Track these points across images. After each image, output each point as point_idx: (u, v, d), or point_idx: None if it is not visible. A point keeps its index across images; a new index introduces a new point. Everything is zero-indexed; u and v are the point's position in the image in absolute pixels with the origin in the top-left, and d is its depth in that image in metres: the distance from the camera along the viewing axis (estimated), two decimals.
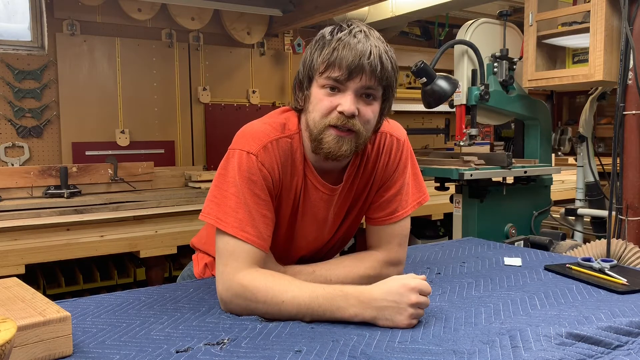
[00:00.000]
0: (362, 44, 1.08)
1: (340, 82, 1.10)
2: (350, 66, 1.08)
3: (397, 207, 1.28)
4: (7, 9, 3.60)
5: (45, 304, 0.92)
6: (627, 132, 2.20)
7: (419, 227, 3.75)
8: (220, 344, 0.93)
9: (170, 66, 4.15)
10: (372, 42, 1.10)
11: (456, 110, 2.64)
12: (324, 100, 1.12)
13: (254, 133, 1.17)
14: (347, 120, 1.10)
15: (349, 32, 1.10)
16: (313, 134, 1.14)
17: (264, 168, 1.14)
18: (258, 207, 1.13)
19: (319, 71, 1.11)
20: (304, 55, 1.17)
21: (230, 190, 1.13)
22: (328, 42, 1.11)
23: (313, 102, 1.14)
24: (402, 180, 1.28)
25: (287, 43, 4.64)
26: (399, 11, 3.97)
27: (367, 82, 1.10)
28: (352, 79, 1.09)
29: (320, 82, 1.12)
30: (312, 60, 1.13)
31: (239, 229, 1.11)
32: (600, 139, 4.36)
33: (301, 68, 1.17)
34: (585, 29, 2.33)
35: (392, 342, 0.94)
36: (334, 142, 1.11)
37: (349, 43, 1.08)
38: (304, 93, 1.17)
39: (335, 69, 1.09)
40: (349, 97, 1.10)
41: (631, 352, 0.92)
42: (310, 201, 1.24)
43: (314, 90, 1.14)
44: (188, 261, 3.43)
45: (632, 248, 2.05)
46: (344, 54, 1.08)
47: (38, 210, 2.70)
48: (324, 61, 1.10)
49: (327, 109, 1.11)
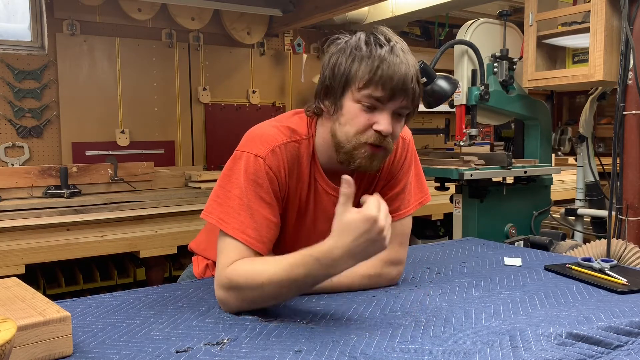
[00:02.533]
0: (404, 65, 1.08)
1: (381, 101, 1.09)
2: (394, 88, 1.07)
3: (400, 205, 1.29)
4: (7, 9, 3.60)
5: (45, 304, 0.92)
6: (627, 132, 2.20)
7: (419, 227, 3.75)
8: (220, 344, 0.93)
9: (170, 66, 4.15)
10: (410, 62, 1.10)
11: (456, 110, 2.64)
12: (360, 117, 1.10)
13: (263, 136, 1.16)
14: (383, 139, 1.11)
15: (390, 49, 1.08)
16: (345, 147, 1.13)
17: (271, 172, 1.14)
18: (262, 210, 1.13)
19: (357, 86, 1.09)
20: (334, 60, 1.13)
21: (234, 192, 1.13)
22: (367, 57, 1.08)
23: (346, 115, 1.12)
24: (405, 179, 1.30)
25: (287, 43, 4.65)
26: (399, 11, 3.97)
27: (406, 104, 1.11)
28: (393, 100, 1.09)
29: (358, 97, 1.10)
30: (350, 71, 1.09)
31: (239, 230, 1.11)
32: (600, 139, 4.36)
33: (330, 74, 1.13)
34: (585, 29, 2.33)
35: (392, 342, 0.94)
36: (367, 159, 1.12)
37: (393, 63, 1.07)
38: (334, 102, 1.14)
39: (378, 89, 1.08)
40: (387, 117, 1.10)
41: (631, 352, 0.92)
42: (322, 205, 1.24)
43: (348, 103, 1.11)
44: (188, 261, 3.43)
45: (632, 248, 2.05)
46: (388, 75, 1.06)
47: (38, 210, 2.70)
48: (364, 77, 1.08)
49: (364, 126, 1.11)
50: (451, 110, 2.77)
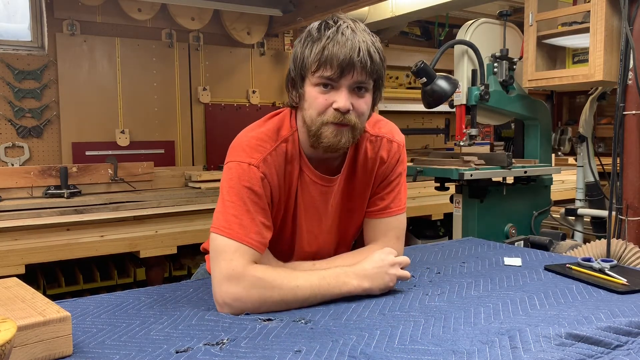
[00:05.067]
0: (350, 41, 1.11)
1: (333, 80, 1.13)
2: (341, 64, 1.11)
3: (391, 204, 1.33)
4: (7, 9, 3.60)
5: (45, 304, 0.92)
6: (627, 132, 2.19)
7: (419, 227, 3.75)
8: (219, 344, 0.93)
9: (170, 66, 4.15)
10: (360, 37, 1.13)
11: (456, 110, 2.64)
12: (318, 98, 1.15)
13: (252, 145, 1.20)
14: (343, 116, 1.14)
15: (336, 29, 1.13)
16: (311, 130, 1.18)
17: (265, 179, 1.18)
18: (258, 215, 1.17)
19: (311, 70, 1.15)
20: (293, 52, 1.20)
21: (233, 200, 1.16)
22: (317, 40, 1.13)
23: (308, 100, 1.17)
24: (397, 180, 1.34)
25: (287, 43, 4.65)
26: (399, 11, 3.97)
27: (359, 77, 1.13)
28: (344, 76, 1.12)
29: (313, 80, 1.15)
30: (303, 58, 1.16)
31: (243, 234, 1.14)
32: (600, 139, 4.36)
33: (292, 66, 1.20)
34: (585, 29, 2.33)
35: (391, 342, 0.94)
36: (332, 136, 1.16)
37: (337, 41, 1.11)
38: (297, 91, 1.20)
39: (327, 68, 1.12)
40: (343, 94, 1.14)
41: (631, 352, 0.92)
42: (310, 195, 1.28)
43: (308, 89, 1.17)
44: (188, 261, 3.44)
45: (632, 248, 2.05)
46: (334, 53, 1.11)
47: (38, 210, 2.70)
48: (315, 60, 1.13)
49: (323, 106, 1.15)
50: (451, 110, 2.77)
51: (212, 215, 1.19)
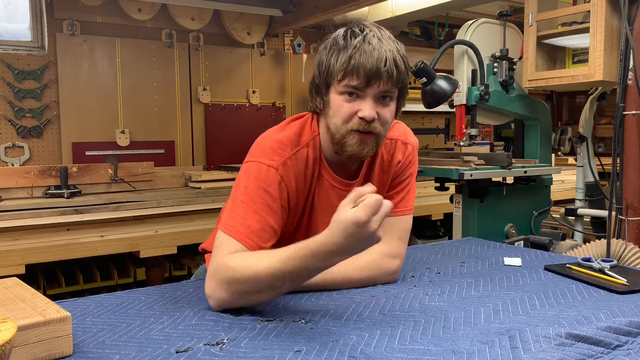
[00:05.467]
0: (377, 51, 1.12)
1: (359, 89, 1.13)
2: (368, 74, 1.11)
3: (399, 203, 1.34)
4: (7, 9, 3.60)
5: (45, 304, 0.92)
6: (627, 132, 2.20)
7: (419, 227, 3.75)
8: (219, 344, 0.93)
9: (170, 66, 4.15)
10: (386, 47, 1.13)
11: (456, 110, 2.64)
12: (343, 107, 1.15)
13: (273, 147, 1.21)
14: (368, 124, 1.15)
15: (362, 38, 1.13)
16: (335, 138, 1.19)
17: (283, 182, 1.19)
18: (267, 217, 1.16)
19: (337, 79, 1.15)
20: (318, 59, 1.20)
21: (243, 199, 1.17)
22: (343, 49, 1.13)
23: (333, 107, 1.18)
24: (408, 181, 1.36)
25: (287, 43, 4.65)
26: (399, 11, 3.97)
27: (385, 87, 1.14)
28: (370, 86, 1.13)
29: (339, 89, 1.15)
30: (329, 66, 1.16)
31: (243, 234, 1.14)
32: (600, 139, 4.36)
33: (317, 72, 1.20)
34: (585, 29, 2.33)
35: (391, 342, 0.94)
36: (356, 145, 1.17)
37: (365, 50, 1.11)
38: (322, 98, 1.20)
39: (353, 78, 1.12)
40: (369, 103, 1.14)
41: (631, 352, 0.92)
42: (328, 199, 1.28)
43: (333, 96, 1.17)
44: (188, 261, 3.44)
45: (632, 248, 2.05)
46: (361, 62, 1.11)
47: (38, 210, 2.70)
48: (341, 69, 1.13)
49: (348, 115, 1.16)
50: (451, 110, 2.77)
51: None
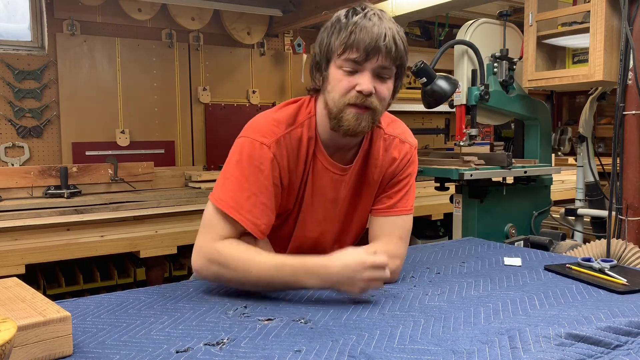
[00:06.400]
0: (377, 27, 1.15)
1: (358, 63, 1.16)
2: (367, 48, 1.14)
3: (398, 203, 1.35)
4: (7, 9, 3.60)
5: (46, 304, 0.92)
6: (627, 132, 2.19)
7: (419, 227, 3.75)
8: (219, 344, 0.93)
9: (170, 66, 4.15)
10: (386, 25, 1.17)
11: (456, 110, 2.64)
12: (342, 81, 1.18)
13: (268, 125, 1.24)
14: (365, 98, 1.17)
15: (363, 15, 1.17)
16: (333, 112, 1.21)
17: (275, 160, 1.21)
18: (259, 194, 1.19)
19: (337, 53, 1.17)
20: (319, 38, 1.23)
21: (234, 174, 1.20)
22: (344, 26, 1.17)
23: (332, 82, 1.20)
24: (406, 181, 1.36)
25: (287, 43, 4.65)
26: (399, 11, 3.97)
27: (383, 62, 1.16)
28: (369, 59, 1.16)
29: (339, 63, 1.18)
30: (330, 42, 1.19)
31: (234, 209, 1.17)
32: (600, 139, 4.36)
33: (317, 50, 1.23)
34: (585, 29, 2.33)
35: (391, 342, 0.94)
36: (353, 120, 1.19)
37: (365, 26, 1.15)
38: (322, 74, 1.23)
39: (353, 51, 1.15)
40: (367, 77, 1.17)
41: (631, 352, 0.92)
42: (320, 182, 1.30)
43: (332, 71, 1.20)
44: (188, 261, 3.43)
45: (632, 248, 2.05)
46: (361, 37, 1.14)
47: (38, 210, 2.70)
48: (341, 44, 1.16)
49: (346, 88, 1.18)
50: (451, 110, 2.77)
51: None
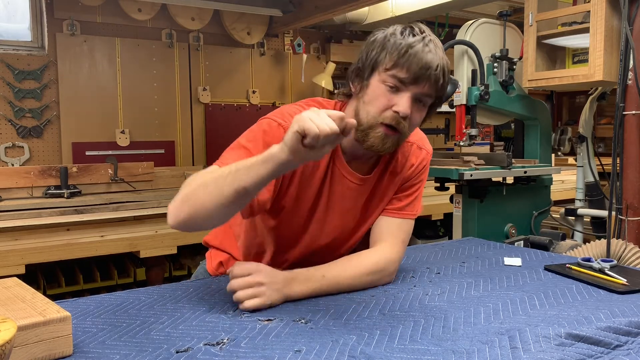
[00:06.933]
0: (432, 54, 1.13)
1: (404, 83, 1.13)
2: (417, 72, 1.12)
3: (406, 206, 1.35)
4: (7, 9, 3.60)
5: (46, 304, 0.92)
6: (627, 132, 2.20)
7: (419, 227, 3.75)
8: (219, 344, 0.93)
9: (170, 66, 4.15)
10: (440, 54, 1.15)
11: (456, 110, 2.64)
12: (382, 96, 1.15)
13: (291, 112, 1.21)
14: (399, 120, 1.14)
15: (421, 38, 1.14)
16: (362, 125, 1.17)
17: None
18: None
19: (385, 67, 1.14)
20: (368, 47, 1.19)
21: (243, 143, 1.17)
22: (399, 43, 1.13)
23: (370, 94, 1.16)
24: (418, 186, 1.37)
25: (287, 43, 4.65)
26: (399, 11, 3.97)
27: (428, 90, 1.14)
28: (415, 84, 1.13)
29: (383, 77, 1.14)
30: (380, 54, 1.15)
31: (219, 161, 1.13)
32: (600, 139, 4.37)
33: (363, 56, 1.19)
34: (585, 29, 2.33)
35: (391, 342, 0.94)
36: (379, 139, 1.16)
37: (421, 50, 1.12)
38: (362, 82, 1.19)
39: (403, 70, 1.12)
40: (407, 99, 1.14)
41: (631, 352, 0.92)
42: (337, 189, 1.27)
43: (374, 83, 1.16)
44: (188, 261, 3.43)
45: (632, 248, 2.05)
46: (415, 60, 1.11)
47: (38, 210, 2.70)
48: (392, 60, 1.13)
49: (385, 106, 1.15)
50: (451, 111, 2.77)
51: None
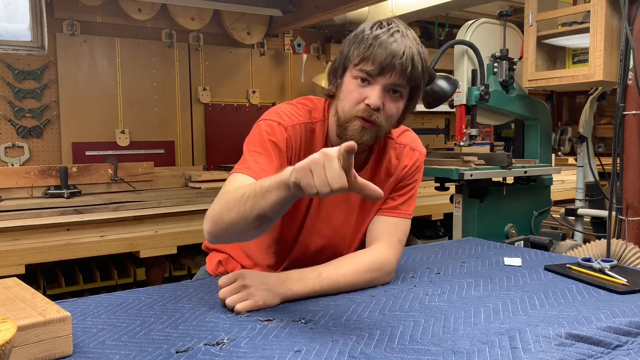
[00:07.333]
0: (396, 44, 1.16)
1: (371, 76, 1.18)
2: (382, 63, 1.15)
3: (402, 205, 1.37)
4: (7, 9, 3.60)
5: (45, 304, 0.92)
6: (627, 132, 2.20)
7: (419, 227, 3.75)
8: (219, 344, 0.93)
9: (170, 66, 4.15)
10: (407, 43, 1.17)
11: (456, 110, 2.64)
12: (354, 91, 1.20)
13: (286, 112, 1.28)
14: (372, 112, 1.18)
15: (387, 30, 1.18)
16: (340, 120, 1.22)
17: (290, 140, 1.24)
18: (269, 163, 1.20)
19: (353, 63, 1.19)
20: (342, 45, 1.26)
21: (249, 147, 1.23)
22: (366, 38, 1.18)
23: (344, 90, 1.22)
24: (412, 186, 1.39)
25: (287, 43, 4.65)
26: (399, 11, 3.97)
27: (396, 79, 1.17)
28: (382, 74, 1.17)
29: (354, 73, 1.20)
30: (349, 51, 1.21)
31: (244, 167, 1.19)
32: (600, 139, 4.37)
33: (338, 57, 1.26)
34: (585, 29, 2.33)
35: (391, 342, 0.94)
36: (357, 132, 1.20)
37: (385, 41, 1.16)
38: (337, 81, 1.25)
39: (368, 63, 1.16)
40: (377, 91, 1.17)
41: (631, 352, 0.92)
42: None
43: (347, 80, 1.22)
44: (188, 261, 3.44)
45: (632, 248, 2.05)
46: (378, 51, 1.15)
47: (38, 211, 2.70)
48: (359, 54, 1.18)
49: (357, 99, 1.19)
50: (451, 110, 2.77)
51: None
